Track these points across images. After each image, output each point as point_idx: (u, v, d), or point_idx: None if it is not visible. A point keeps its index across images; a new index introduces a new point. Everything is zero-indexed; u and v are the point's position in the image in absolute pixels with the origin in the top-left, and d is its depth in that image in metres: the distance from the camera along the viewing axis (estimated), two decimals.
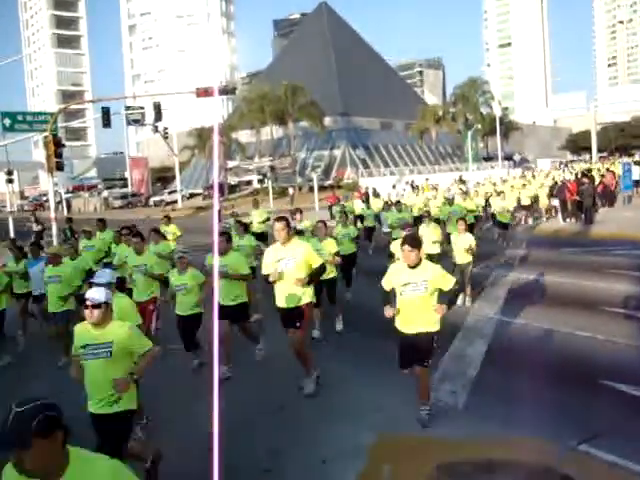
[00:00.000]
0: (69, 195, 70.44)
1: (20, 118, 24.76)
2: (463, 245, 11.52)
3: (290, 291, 6.95)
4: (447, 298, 6.43)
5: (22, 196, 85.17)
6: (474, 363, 7.99)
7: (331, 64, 75.76)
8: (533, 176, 35.11)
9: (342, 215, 13.28)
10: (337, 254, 9.84)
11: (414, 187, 36.43)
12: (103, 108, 30.14)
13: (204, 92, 28.19)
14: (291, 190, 51.64)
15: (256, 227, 16.26)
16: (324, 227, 10.15)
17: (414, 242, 6.07)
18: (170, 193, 64.98)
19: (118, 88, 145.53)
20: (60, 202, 53.92)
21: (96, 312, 4.63)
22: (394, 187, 34.45)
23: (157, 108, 32.54)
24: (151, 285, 9.08)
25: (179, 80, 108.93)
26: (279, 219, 7.09)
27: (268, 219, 16.68)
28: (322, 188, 49.65)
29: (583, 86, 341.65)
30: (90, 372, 4.72)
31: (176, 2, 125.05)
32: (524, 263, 15.73)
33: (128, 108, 46.94)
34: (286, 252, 6.97)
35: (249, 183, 66.07)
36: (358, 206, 23.97)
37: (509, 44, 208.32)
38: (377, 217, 21.50)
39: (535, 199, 25.21)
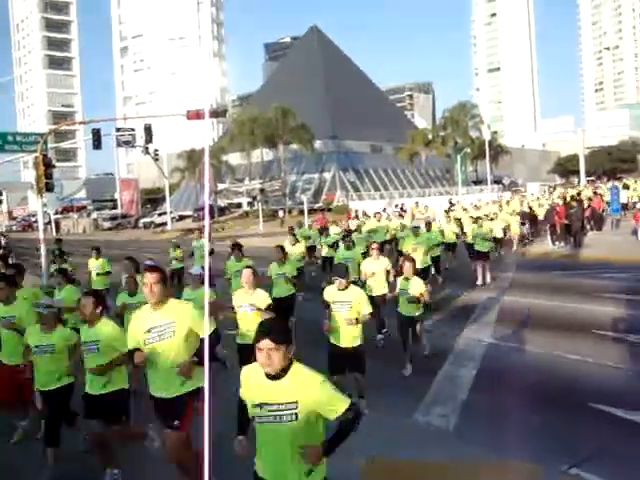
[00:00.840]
0: (58, 216, 70.16)
1: (10, 138, 24.63)
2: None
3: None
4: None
5: (10, 216, 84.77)
6: (464, 386, 7.97)
7: (321, 87, 76.27)
8: (507, 202, 33.46)
9: (279, 250, 10.90)
10: (268, 308, 7.23)
11: (403, 210, 36.32)
12: (94, 129, 30.06)
13: (195, 114, 28.21)
14: (281, 213, 51.72)
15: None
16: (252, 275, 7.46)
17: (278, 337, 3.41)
18: (160, 215, 64.86)
19: (109, 110, 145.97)
20: (49, 223, 53.64)
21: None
22: (384, 210, 34.42)
23: (148, 130, 32.49)
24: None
25: (170, 102, 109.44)
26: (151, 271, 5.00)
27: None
28: (312, 211, 49.73)
29: (571, 111, 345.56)
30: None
31: (168, 25, 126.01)
32: (513, 286, 15.75)
33: (119, 130, 46.99)
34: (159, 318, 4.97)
35: (239, 205, 66.08)
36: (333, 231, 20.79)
37: (498, 69, 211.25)
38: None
39: (507, 228, 22.82)
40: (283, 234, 22.78)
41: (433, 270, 15.40)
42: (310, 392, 3.31)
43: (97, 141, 29.88)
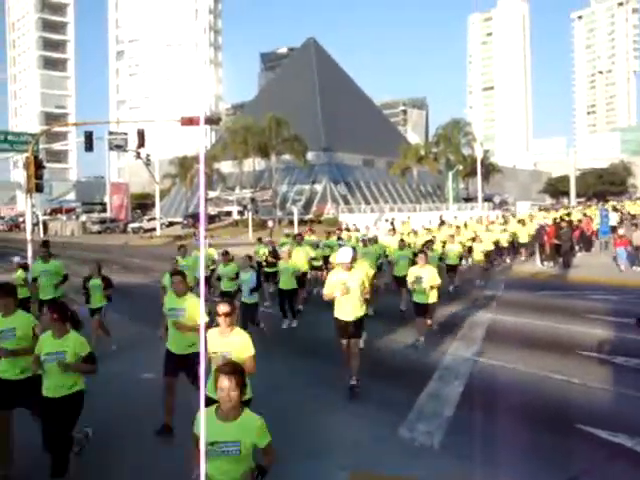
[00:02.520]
0: (46, 217, 69.78)
1: (1, 137, 24.55)
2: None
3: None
4: None
5: None
6: (450, 403, 7.93)
7: (316, 99, 76.56)
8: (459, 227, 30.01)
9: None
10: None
11: (393, 225, 35.75)
12: (86, 132, 30.00)
13: (188, 121, 28.19)
14: (270, 223, 51.60)
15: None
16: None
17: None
18: (149, 220, 64.62)
19: (102, 113, 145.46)
20: (37, 224, 53.31)
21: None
22: (375, 224, 34.34)
23: (140, 135, 32.40)
24: None
25: (164, 108, 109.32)
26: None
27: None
28: (302, 222, 49.69)
29: (563, 132, 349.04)
30: None
31: (165, 30, 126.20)
32: (501, 305, 15.75)
33: (111, 133, 46.93)
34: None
35: (229, 214, 65.96)
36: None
37: (492, 87, 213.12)
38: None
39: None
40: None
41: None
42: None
43: (89, 144, 29.80)
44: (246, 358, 5.41)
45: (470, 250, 20.64)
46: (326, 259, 17.51)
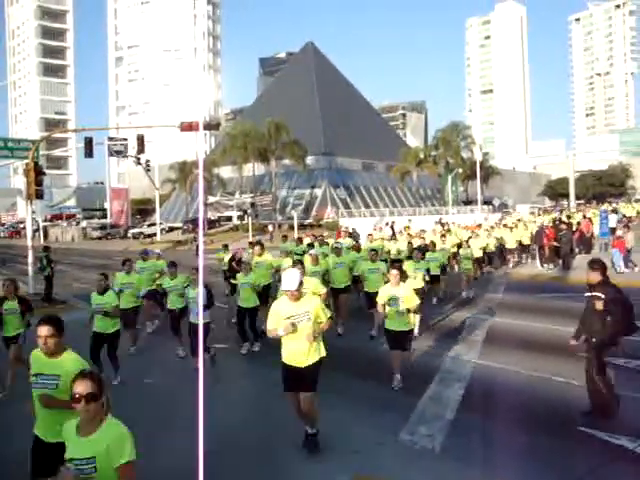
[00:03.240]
0: (47, 223, 69.85)
1: (1, 144, 24.54)
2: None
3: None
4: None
5: None
6: (451, 406, 7.94)
7: (315, 104, 76.62)
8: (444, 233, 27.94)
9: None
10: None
11: (393, 230, 35.49)
12: (86, 138, 30.00)
13: (188, 126, 28.24)
14: (270, 227, 51.67)
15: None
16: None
17: None
18: (149, 226, 64.65)
19: (102, 119, 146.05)
20: (37, 230, 53.37)
21: None
22: (379, 229, 34.15)
23: (140, 140, 32.48)
24: None
25: (163, 113, 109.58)
26: None
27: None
28: (302, 226, 49.73)
29: (562, 134, 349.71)
30: None
31: (164, 36, 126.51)
32: (501, 308, 15.75)
33: (111, 139, 47.02)
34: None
35: (229, 219, 65.99)
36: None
37: (491, 90, 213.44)
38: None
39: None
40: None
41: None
42: None
43: (89, 150, 29.81)
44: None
45: (455, 257, 19.75)
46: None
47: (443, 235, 20.92)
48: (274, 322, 6.48)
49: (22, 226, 65.89)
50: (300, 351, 6.40)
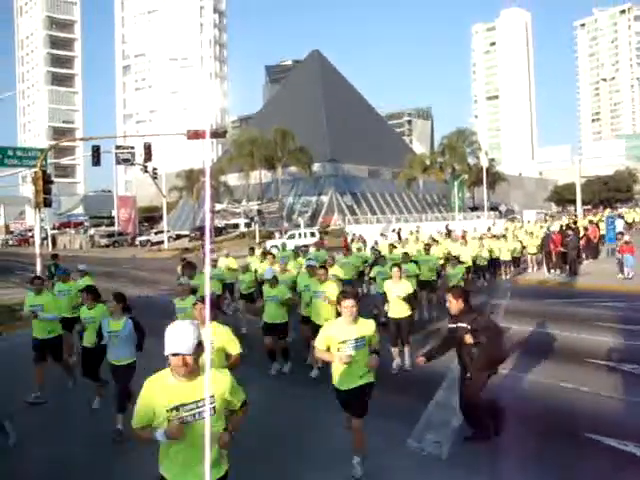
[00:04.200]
0: (55, 231, 70.15)
1: (10, 153, 24.68)
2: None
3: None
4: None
5: (7, 230, 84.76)
6: (458, 413, 7.88)
7: (321, 111, 76.81)
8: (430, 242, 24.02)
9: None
10: None
11: (400, 237, 35.15)
12: (93, 146, 30.16)
13: (195, 134, 28.38)
14: (278, 235, 51.74)
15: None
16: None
17: None
18: (157, 233, 64.82)
19: (109, 127, 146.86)
20: (45, 238, 53.59)
21: None
22: (382, 235, 34.13)
23: (147, 148, 32.62)
24: None
25: (170, 121, 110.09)
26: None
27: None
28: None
29: (568, 140, 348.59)
30: None
31: (170, 45, 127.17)
32: (508, 314, 15.71)
33: (118, 147, 47.08)
34: None
35: (236, 226, 66.11)
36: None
37: (497, 97, 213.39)
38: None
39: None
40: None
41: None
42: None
43: (96, 158, 29.97)
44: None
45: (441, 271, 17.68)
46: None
47: (428, 245, 17.67)
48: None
49: (30, 234, 66.22)
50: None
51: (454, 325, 6.95)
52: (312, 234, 47.59)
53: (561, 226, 30.47)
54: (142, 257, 49.14)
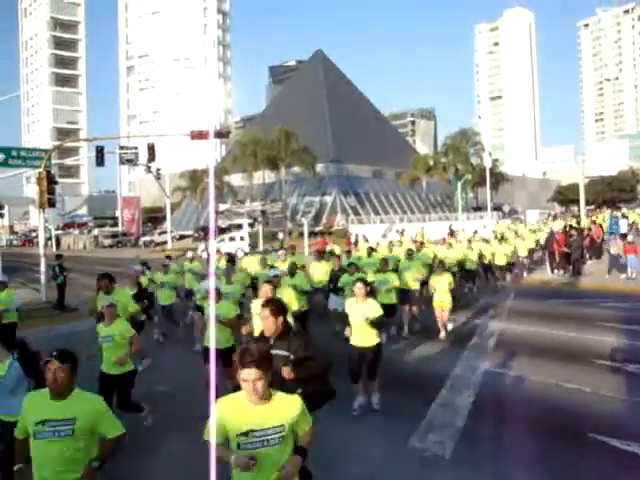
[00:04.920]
0: (59, 232, 70.31)
1: (14, 153, 24.78)
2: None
3: None
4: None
5: (11, 231, 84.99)
6: (461, 413, 7.94)
7: (324, 111, 76.83)
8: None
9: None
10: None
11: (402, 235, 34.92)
12: (97, 147, 30.25)
13: (198, 135, 28.45)
14: (281, 235, 51.76)
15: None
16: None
17: None
18: (160, 234, 64.94)
19: (113, 127, 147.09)
20: (50, 239, 53.75)
21: None
22: (384, 236, 34.10)
23: (151, 149, 32.70)
24: None
25: (174, 122, 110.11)
26: None
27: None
28: (312, 234, 49.81)
29: (571, 140, 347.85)
30: None
31: (174, 45, 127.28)
32: (512, 314, 15.73)
33: (122, 148, 47.15)
34: None
35: (240, 227, 66.15)
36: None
37: (500, 97, 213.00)
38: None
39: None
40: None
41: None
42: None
43: (100, 158, 30.06)
44: None
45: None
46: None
47: (411, 251, 14.87)
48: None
49: (34, 234, 66.40)
50: None
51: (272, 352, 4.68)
52: (241, 238, 48.18)
53: (565, 226, 30.42)
54: (146, 257, 49.10)
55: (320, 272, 14.26)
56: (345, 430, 7.42)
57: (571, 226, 29.93)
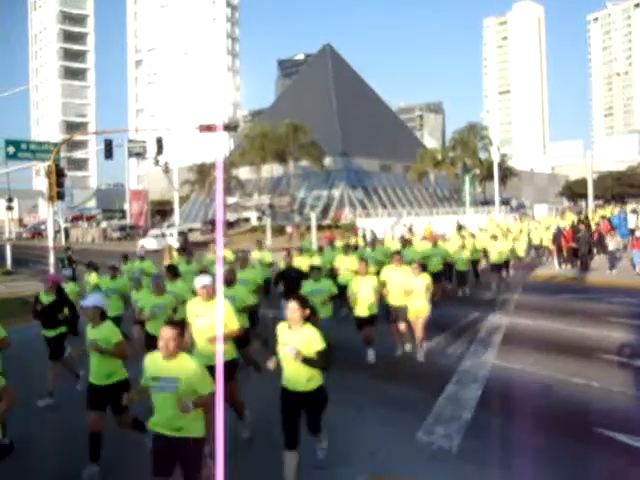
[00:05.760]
0: (68, 225, 70.57)
1: (24, 147, 24.98)
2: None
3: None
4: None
5: (21, 224, 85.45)
6: (468, 407, 7.96)
7: (333, 105, 76.79)
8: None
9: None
10: None
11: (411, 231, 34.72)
12: (106, 140, 30.36)
13: (207, 128, 28.49)
14: (289, 229, 51.83)
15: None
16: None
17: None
18: (168, 227, 65.11)
19: (122, 121, 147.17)
20: (59, 231, 53.98)
21: None
22: (392, 227, 34.06)
23: (159, 142, 32.77)
24: None
25: (182, 115, 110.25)
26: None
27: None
28: (320, 227, 49.79)
29: (580, 135, 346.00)
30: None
31: (183, 39, 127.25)
32: (519, 308, 15.72)
33: (130, 141, 47.33)
34: None
35: (247, 220, 66.30)
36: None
37: (508, 91, 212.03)
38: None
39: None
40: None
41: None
42: None
43: (109, 152, 30.16)
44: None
45: None
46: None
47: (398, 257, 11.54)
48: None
49: (43, 227, 66.73)
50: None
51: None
52: (170, 235, 47.73)
53: (573, 222, 30.31)
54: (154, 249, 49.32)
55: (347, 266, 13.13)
56: (352, 422, 7.46)
57: (579, 220, 29.83)
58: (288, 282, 11.55)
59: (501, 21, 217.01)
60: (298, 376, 5.58)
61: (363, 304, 10.27)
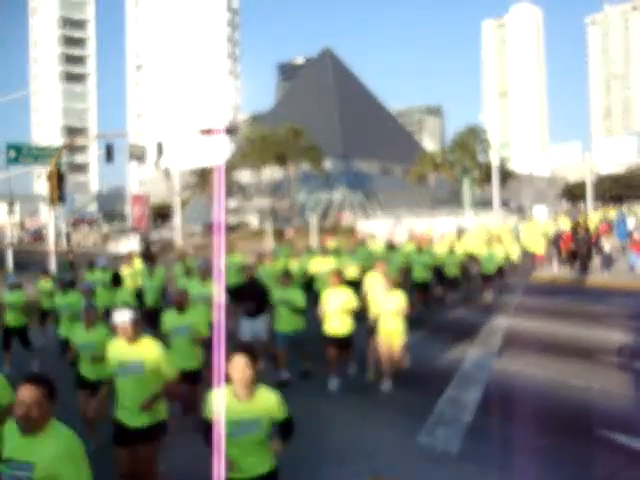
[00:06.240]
0: (70, 228, 70.61)
1: (26, 151, 25.06)
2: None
3: None
4: None
5: (22, 228, 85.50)
6: (468, 409, 8.01)
7: (333, 108, 76.86)
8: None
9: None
10: None
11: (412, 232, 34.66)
12: (107, 144, 30.39)
13: (207, 132, 28.60)
14: (289, 232, 51.80)
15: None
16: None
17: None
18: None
19: (122, 125, 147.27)
20: (60, 235, 54.05)
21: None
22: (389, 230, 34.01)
23: (160, 146, 32.88)
24: None
25: (183, 119, 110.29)
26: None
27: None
28: (320, 230, 49.78)
29: (579, 137, 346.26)
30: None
31: (183, 43, 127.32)
32: (519, 310, 15.77)
33: (131, 145, 47.39)
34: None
35: (248, 223, 66.36)
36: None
37: (507, 93, 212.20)
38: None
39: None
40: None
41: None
42: None
43: (109, 156, 30.20)
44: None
45: None
46: None
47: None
48: None
49: (45, 231, 66.83)
50: None
51: None
52: (134, 237, 47.83)
53: (572, 224, 30.34)
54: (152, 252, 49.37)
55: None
56: (353, 424, 7.52)
57: (578, 223, 29.87)
58: (247, 299, 9.40)
59: (499, 23, 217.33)
60: (245, 462, 4.04)
61: (333, 320, 8.96)
